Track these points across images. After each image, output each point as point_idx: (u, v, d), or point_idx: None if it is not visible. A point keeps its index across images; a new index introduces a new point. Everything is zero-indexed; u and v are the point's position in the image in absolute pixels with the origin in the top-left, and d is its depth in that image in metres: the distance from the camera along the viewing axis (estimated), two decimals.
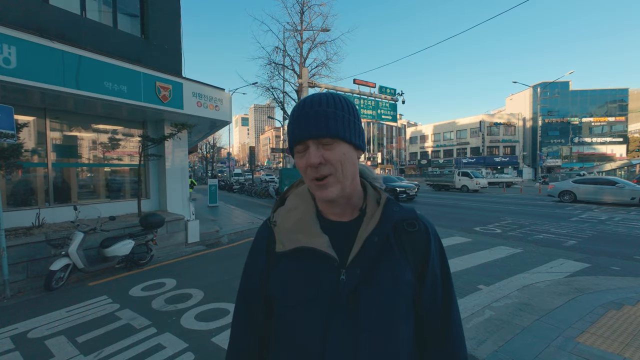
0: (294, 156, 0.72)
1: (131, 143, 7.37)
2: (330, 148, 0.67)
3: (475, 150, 48.21)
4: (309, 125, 0.67)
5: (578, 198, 14.17)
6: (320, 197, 0.70)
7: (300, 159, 0.69)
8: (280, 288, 0.74)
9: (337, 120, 0.67)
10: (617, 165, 35.18)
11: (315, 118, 0.67)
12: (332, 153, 0.67)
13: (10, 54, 4.43)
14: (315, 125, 0.66)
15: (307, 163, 0.67)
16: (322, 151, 0.67)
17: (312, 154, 0.66)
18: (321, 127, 0.66)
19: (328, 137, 0.66)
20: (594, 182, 14.35)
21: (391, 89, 13.51)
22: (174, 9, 7.67)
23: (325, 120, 0.66)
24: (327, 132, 0.66)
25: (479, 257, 5.68)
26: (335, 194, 0.68)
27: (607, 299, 3.67)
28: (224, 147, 62.82)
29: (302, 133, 0.67)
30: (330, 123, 0.67)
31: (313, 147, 0.67)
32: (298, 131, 0.68)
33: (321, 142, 0.67)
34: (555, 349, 2.68)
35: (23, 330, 3.25)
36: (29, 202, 5.84)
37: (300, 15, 16.61)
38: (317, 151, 0.66)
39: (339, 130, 0.67)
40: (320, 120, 0.66)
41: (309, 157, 0.67)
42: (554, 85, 44.69)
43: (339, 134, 0.67)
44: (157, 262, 5.75)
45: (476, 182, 22.52)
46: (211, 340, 2.99)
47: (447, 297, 0.76)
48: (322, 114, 0.67)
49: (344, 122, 0.68)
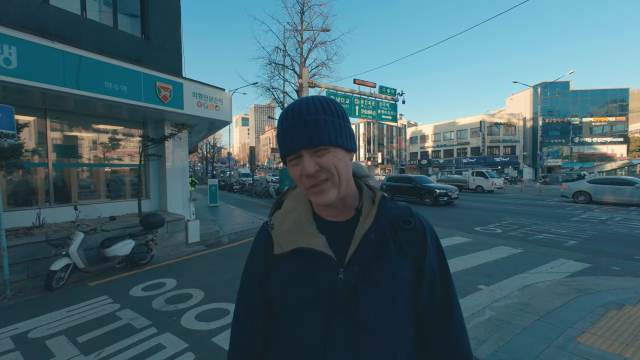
0: (287, 165, 0.71)
1: (131, 143, 7.37)
2: (323, 154, 0.67)
3: (475, 150, 48.18)
4: (300, 136, 0.66)
5: (594, 199, 13.63)
6: (318, 203, 0.70)
7: (294, 168, 0.69)
8: (279, 289, 0.74)
9: (328, 127, 0.67)
10: (618, 165, 35.17)
11: (306, 127, 0.66)
12: (326, 159, 0.67)
13: (11, 54, 4.43)
14: (307, 135, 0.66)
15: (302, 173, 0.67)
16: (315, 159, 0.67)
17: (307, 163, 0.66)
18: (313, 136, 0.66)
19: (320, 146, 0.66)
20: (611, 182, 13.75)
21: (391, 88, 13.50)
22: (174, 9, 7.67)
23: (317, 129, 0.66)
24: (319, 141, 0.66)
25: (480, 257, 5.68)
26: (333, 197, 0.68)
27: (607, 299, 3.66)
28: (224, 147, 62.91)
29: (294, 144, 0.66)
30: (322, 131, 0.66)
31: (307, 157, 0.66)
32: (290, 142, 0.67)
33: (314, 151, 0.67)
34: (555, 349, 2.68)
35: (24, 330, 3.26)
36: (30, 202, 5.85)
37: (301, 16, 16.60)
38: (311, 160, 0.66)
39: (331, 137, 0.67)
40: (311, 129, 0.66)
41: (304, 167, 0.66)
42: (554, 85, 44.68)
43: (331, 141, 0.67)
44: (158, 262, 5.76)
45: (492, 182, 21.26)
46: (211, 340, 2.99)
47: (446, 294, 0.76)
48: (312, 123, 0.66)
49: (335, 128, 0.68)
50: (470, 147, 49.17)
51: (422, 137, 57.83)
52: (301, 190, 0.72)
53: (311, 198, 0.71)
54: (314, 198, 0.70)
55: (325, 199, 0.68)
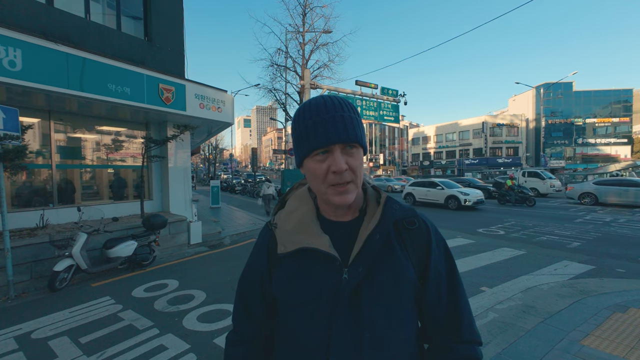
0: (308, 161, 0.69)
1: (134, 144, 7.41)
2: (353, 154, 0.67)
3: (477, 151, 48.01)
4: (337, 129, 0.66)
5: (600, 200, 13.34)
6: (339, 203, 0.69)
7: (319, 164, 0.67)
8: (283, 289, 0.74)
9: (358, 125, 0.68)
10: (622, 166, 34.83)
11: (342, 122, 0.66)
12: (354, 160, 0.67)
13: (16, 57, 4.48)
14: (343, 129, 0.66)
15: (330, 168, 0.66)
16: (345, 157, 0.66)
17: (338, 159, 0.65)
18: (349, 132, 0.66)
19: (355, 142, 0.67)
20: (619, 183, 13.34)
21: (393, 90, 13.49)
22: (177, 11, 7.72)
23: (351, 125, 0.67)
24: (355, 137, 0.66)
25: (482, 259, 5.65)
26: (352, 199, 0.69)
27: (612, 302, 3.63)
28: (226, 149, 63.09)
29: (329, 137, 0.65)
30: (356, 128, 0.67)
31: (338, 152, 0.66)
32: (323, 135, 0.66)
33: (345, 148, 0.67)
34: (559, 351, 2.66)
35: (27, 331, 3.27)
36: (34, 203, 5.89)
37: (303, 17, 16.65)
38: (342, 156, 0.66)
39: (358, 135, 0.68)
40: (347, 125, 0.66)
41: (334, 163, 0.65)
42: (557, 86, 44.52)
43: (358, 139, 0.68)
44: (160, 263, 5.77)
45: (550, 184, 17.81)
46: (213, 342, 2.99)
47: (453, 294, 0.75)
48: (347, 119, 0.67)
49: (360, 127, 0.69)
50: (473, 148, 49.00)
51: (424, 138, 57.72)
52: (320, 188, 0.70)
53: (332, 197, 0.68)
54: (336, 198, 0.68)
55: (346, 199, 0.68)
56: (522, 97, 51.88)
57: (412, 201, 15.24)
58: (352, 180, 0.67)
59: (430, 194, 14.46)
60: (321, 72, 17.24)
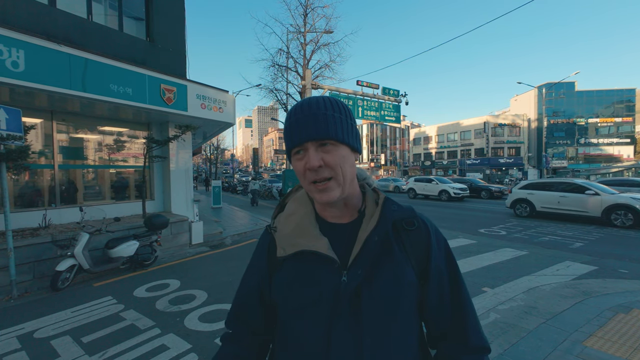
0: (291, 160, 0.72)
1: (136, 145, 7.44)
2: (330, 151, 0.67)
3: (479, 151, 47.86)
4: (308, 128, 0.66)
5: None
6: (321, 201, 0.69)
7: (299, 162, 0.69)
8: (282, 292, 0.74)
9: (336, 122, 0.67)
10: (625, 166, 34.69)
11: (314, 120, 0.66)
12: (332, 156, 0.67)
13: (19, 58, 4.50)
14: (314, 127, 0.66)
15: (306, 166, 0.67)
16: (321, 154, 0.66)
17: (312, 156, 0.66)
18: (320, 129, 0.66)
19: (327, 139, 0.66)
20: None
21: (394, 90, 13.47)
22: (179, 12, 7.75)
23: (325, 122, 0.66)
24: (326, 134, 0.66)
25: (484, 259, 5.63)
26: (336, 197, 0.68)
27: (615, 302, 3.61)
28: (227, 149, 63.22)
29: (301, 135, 0.67)
30: (330, 125, 0.66)
31: (312, 150, 0.66)
32: (297, 134, 0.67)
33: (320, 145, 0.67)
34: (562, 352, 2.64)
35: (29, 330, 3.28)
36: (36, 204, 5.92)
37: (304, 18, 16.66)
38: (316, 154, 0.66)
39: (338, 132, 0.67)
40: (319, 122, 0.66)
41: (308, 160, 0.66)
42: (559, 86, 44.31)
43: (337, 136, 0.67)
44: (161, 263, 5.78)
45: None
46: (215, 342, 2.99)
47: (456, 294, 0.75)
48: (321, 117, 0.67)
49: (342, 124, 0.68)
50: (474, 148, 48.83)
51: (425, 138, 57.58)
52: (304, 187, 0.71)
53: (314, 195, 0.70)
54: (317, 195, 0.69)
55: (328, 197, 0.67)
56: (524, 97, 51.68)
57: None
58: (332, 177, 0.67)
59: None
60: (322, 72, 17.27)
